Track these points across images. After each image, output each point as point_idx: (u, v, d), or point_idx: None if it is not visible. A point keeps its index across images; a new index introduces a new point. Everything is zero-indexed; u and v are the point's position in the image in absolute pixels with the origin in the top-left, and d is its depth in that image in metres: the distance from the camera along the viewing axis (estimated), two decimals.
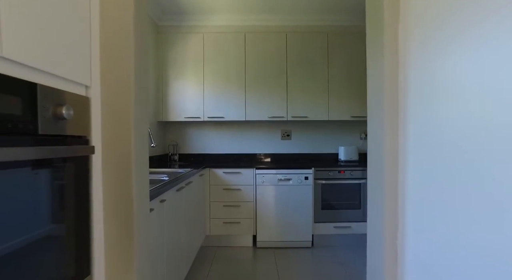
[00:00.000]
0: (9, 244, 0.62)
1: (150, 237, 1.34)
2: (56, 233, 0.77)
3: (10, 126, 0.62)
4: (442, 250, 0.90)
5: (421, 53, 1.00)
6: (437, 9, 0.94)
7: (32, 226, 0.69)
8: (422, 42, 1.00)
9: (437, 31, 0.93)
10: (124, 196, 1.01)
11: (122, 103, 1.05)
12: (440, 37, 0.92)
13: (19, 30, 0.65)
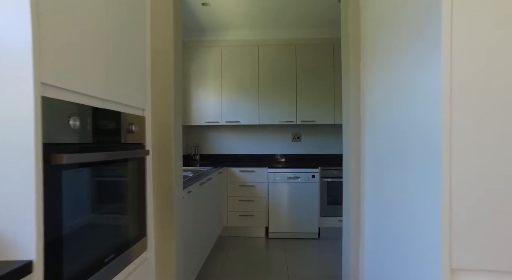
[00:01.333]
0: (109, 209, 1.04)
1: (183, 216, 1.75)
2: (131, 206, 1.19)
3: (109, 138, 1.04)
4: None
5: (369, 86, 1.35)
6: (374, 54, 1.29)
7: (121, 199, 1.11)
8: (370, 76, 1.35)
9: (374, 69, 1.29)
10: (166, 184, 1.43)
11: (165, 117, 1.46)
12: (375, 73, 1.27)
13: (116, 82, 1.06)
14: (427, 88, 0.80)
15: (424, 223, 0.81)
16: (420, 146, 0.84)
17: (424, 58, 0.83)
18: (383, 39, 1.20)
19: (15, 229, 0.70)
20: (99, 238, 0.97)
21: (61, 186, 0.79)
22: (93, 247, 0.94)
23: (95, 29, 0.97)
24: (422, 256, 0.83)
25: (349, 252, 1.53)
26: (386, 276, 1.11)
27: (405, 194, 0.95)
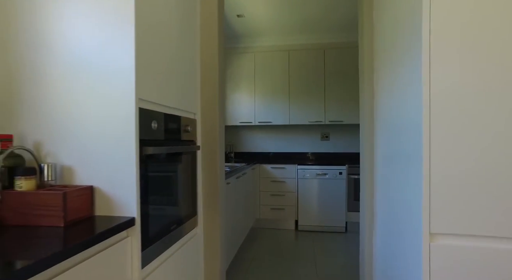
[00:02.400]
0: (173, 189, 1.38)
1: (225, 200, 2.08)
2: (186, 189, 1.53)
3: (173, 136, 1.38)
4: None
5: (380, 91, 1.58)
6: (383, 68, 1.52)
7: (180, 182, 1.44)
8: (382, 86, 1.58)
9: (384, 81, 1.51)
10: (213, 174, 1.75)
11: (211, 118, 1.79)
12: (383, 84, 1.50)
13: (178, 93, 1.40)
14: (414, 96, 1.04)
15: (413, 198, 1.05)
16: (410, 138, 1.07)
17: (412, 72, 1.06)
18: (387, 50, 1.43)
19: (126, 196, 1.04)
20: (167, 210, 1.31)
21: (147, 168, 1.13)
22: (164, 216, 1.28)
23: (170, 57, 1.31)
24: (410, 226, 1.07)
25: (365, 241, 1.76)
26: (391, 253, 1.34)
27: (402, 180, 1.18)
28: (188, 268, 1.52)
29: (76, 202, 0.98)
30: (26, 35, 1.11)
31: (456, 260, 0.96)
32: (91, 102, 1.07)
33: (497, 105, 0.93)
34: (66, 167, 1.09)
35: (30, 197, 0.94)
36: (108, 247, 0.94)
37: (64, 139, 1.09)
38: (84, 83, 1.07)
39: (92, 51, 1.07)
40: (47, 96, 1.10)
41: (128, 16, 1.05)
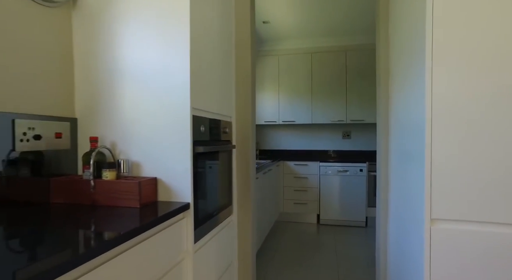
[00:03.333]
0: (215, 181, 1.64)
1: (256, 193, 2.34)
2: (224, 181, 1.79)
3: (215, 137, 1.64)
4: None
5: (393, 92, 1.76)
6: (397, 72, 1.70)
7: (220, 175, 1.71)
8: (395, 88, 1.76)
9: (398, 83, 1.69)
10: (245, 170, 2.01)
11: (244, 120, 2.04)
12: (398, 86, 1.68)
13: (219, 100, 1.66)
14: (419, 99, 1.23)
15: (417, 189, 1.24)
16: (415, 136, 1.26)
17: (418, 78, 1.25)
18: (399, 54, 1.61)
19: (182, 186, 1.32)
20: (211, 199, 1.58)
21: (197, 163, 1.40)
22: (208, 203, 1.54)
23: (213, 70, 1.57)
24: (415, 213, 1.27)
25: (380, 233, 1.96)
26: (402, 241, 1.54)
27: (409, 174, 1.37)
28: (225, 248, 1.79)
29: (146, 190, 1.26)
30: (105, 62, 1.41)
31: (453, 242, 1.16)
32: (155, 111, 1.35)
33: (489, 107, 1.12)
34: (135, 163, 1.37)
35: (114, 184, 1.24)
36: (170, 225, 1.21)
37: (133, 140, 1.38)
38: (150, 96, 1.35)
39: (156, 71, 1.35)
40: (120, 108, 1.39)
41: (185, 44, 1.31)
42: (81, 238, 0.88)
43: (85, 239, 0.86)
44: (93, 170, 1.28)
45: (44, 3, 1.30)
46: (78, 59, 1.46)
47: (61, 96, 1.40)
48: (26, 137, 1.20)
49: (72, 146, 1.43)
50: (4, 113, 1.14)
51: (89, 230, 0.95)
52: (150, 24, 1.36)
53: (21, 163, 1.20)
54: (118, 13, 1.40)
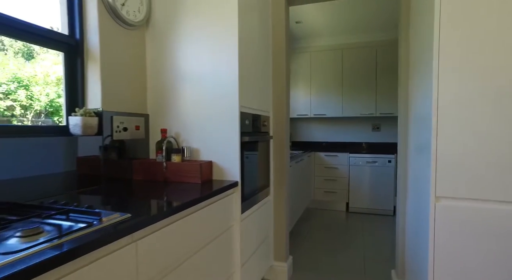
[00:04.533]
0: (255, 166, 1.98)
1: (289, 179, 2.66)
2: (263, 166, 2.13)
3: (256, 129, 1.98)
4: None
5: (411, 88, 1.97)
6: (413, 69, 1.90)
7: (260, 162, 2.04)
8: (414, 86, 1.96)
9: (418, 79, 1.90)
10: (281, 158, 2.33)
11: (280, 115, 2.35)
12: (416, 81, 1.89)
13: (260, 98, 1.98)
14: (428, 97, 1.47)
15: (426, 172, 1.49)
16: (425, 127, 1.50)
17: (428, 78, 1.48)
18: (416, 53, 1.82)
19: (232, 167, 1.67)
20: (253, 180, 1.92)
21: (243, 150, 1.74)
22: (251, 183, 1.89)
23: (255, 71, 1.89)
24: (424, 194, 1.51)
25: (399, 215, 2.19)
26: (415, 221, 1.78)
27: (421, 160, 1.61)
28: (264, 223, 2.14)
29: (205, 170, 1.63)
30: (170, 68, 1.79)
31: (454, 216, 1.41)
32: (210, 108, 1.70)
33: (489, 103, 1.34)
34: (195, 149, 1.75)
35: (181, 166, 1.61)
36: (224, 197, 1.57)
37: (193, 131, 1.75)
38: (206, 96, 1.71)
39: (211, 76, 1.70)
40: (181, 106, 1.76)
41: (234, 55, 1.65)
42: (165, 201, 1.26)
43: (168, 202, 1.23)
44: (164, 155, 1.66)
45: (127, 27, 1.69)
46: (149, 68, 1.85)
47: (138, 97, 1.80)
48: (119, 129, 1.60)
49: (145, 136, 1.83)
50: (107, 111, 1.55)
51: (168, 197, 1.33)
52: (204, 40, 1.71)
53: (114, 149, 1.61)
54: (179, 32, 1.77)
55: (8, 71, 1.65)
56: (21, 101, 2.12)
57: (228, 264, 1.61)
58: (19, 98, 2.12)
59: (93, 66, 1.54)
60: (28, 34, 1.34)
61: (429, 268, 1.48)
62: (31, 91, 2.00)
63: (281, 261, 2.33)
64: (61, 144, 1.33)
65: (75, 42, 1.53)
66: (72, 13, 1.52)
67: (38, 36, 1.38)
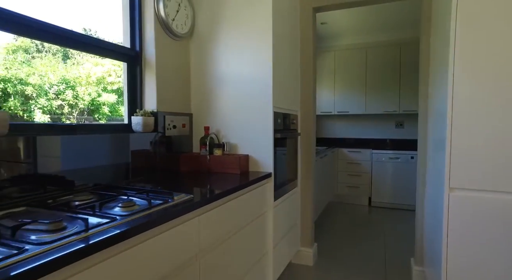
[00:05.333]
0: (284, 159, 2.21)
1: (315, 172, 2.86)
2: (291, 160, 2.35)
3: (286, 126, 2.20)
4: None
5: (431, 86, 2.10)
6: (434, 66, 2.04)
7: (289, 156, 2.27)
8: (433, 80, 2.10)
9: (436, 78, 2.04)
10: (307, 153, 2.54)
11: (307, 113, 2.56)
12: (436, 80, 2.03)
13: (290, 98, 2.20)
14: (445, 95, 1.63)
15: (441, 167, 1.65)
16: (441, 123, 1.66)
17: (444, 78, 1.64)
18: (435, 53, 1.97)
19: (266, 160, 1.91)
20: (283, 172, 2.15)
21: (276, 145, 1.97)
22: (282, 175, 2.11)
23: (286, 74, 2.11)
24: (440, 186, 1.68)
25: (418, 208, 2.35)
26: (433, 210, 1.94)
27: (437, 155, 1.77)
28: (292, 211, 2.37)
29: (243, 162, 1.88)
30: (210, 73, 2.04)
31: (465, 205, 1.57)
32: (247, 108, 1.94)
33: (499, 101, 1.50)
34: (233, 144, 2.00)
35: (222, 158, 1.87)
36: (259, 186, 1.81)
37: (232, 128, 1.99)
38: (243, 97, 1.95)
39: (248, 79, 1.93)
40: (221, 106, 2.01)
41: (268, 57, 1.88)
42: (213, 187, 1.51)
43: (216, 188, 1.49)
44: (208, 149, 1.92)
45: (176, 38, 1.95)
46: (193, 72, 2.11)
47: (183, 98, 2.07)
48: (169, 127, 1.88)
49: (190, 132, 2.10)
50: (160, 112, 1.82)
51: (215, 184, 1.59)
52: (241, 47, 1.94)
53: (163, 144, 1.88)
54: (218, 41, 2.01)
55: (58, 73, 1.98)
56: (69, 101, 2.46)
57: (263, 244, 1.85)
58: (67, 98, 2.46)
59: (149, 73, 1.82)
60: (99, 49, 1.62)
61: (443, 252, 1.66)
62: (77, 91, 2.34)
63: (307, 247, 2.56)
64: (125, 139, 1.62)
65: (135, 53, 1.81)
66: (133, 29, 1.80)
67: (107, 50, 1.67)
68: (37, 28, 1.32)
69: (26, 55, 2.08)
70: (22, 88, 2.41)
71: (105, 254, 0.80)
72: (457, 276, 1.63)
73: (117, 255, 0.83)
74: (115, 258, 0.83)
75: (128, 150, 1.62)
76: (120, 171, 1.57)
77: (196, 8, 2.07)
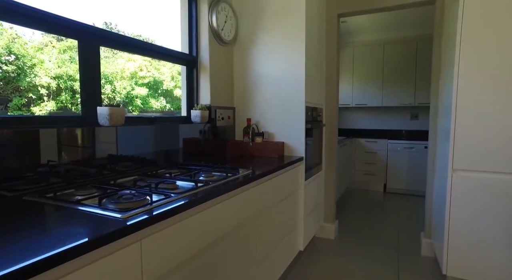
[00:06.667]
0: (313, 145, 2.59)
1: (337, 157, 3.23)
2: (317, 147, 2.73)
3: (314, 118, 2.57)
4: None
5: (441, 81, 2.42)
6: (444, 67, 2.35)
7: (315, 144, 2.64)
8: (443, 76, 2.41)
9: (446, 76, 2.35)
10: (331, 141, 2.92)
11: (330, 106, 2.92)
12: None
13: (317, 93, 2.57)
14: (450, 90, 1.96)
15: (447, 152, 1.99)
16: (448, 115, 1.99)
17: (451, 76, 1.96)
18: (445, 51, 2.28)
19: (298, 146, 2.30)
20: (311, 157, 2.53)
21: (306, 134, 2.35)
22: (310, 159, 2.50)
23: (314, 71, 2.47)
24: (446, 167, 2.02)
25: (428, 190, 2.69)
26: (440, 192, 2.29)
27: (444, 143, 2.10)
28: (318, 191, 2.76)
29: (280, 148, 2.27)
30: (251, 73, 2.43)
31: (466, 183, 1.92)
32: (282, 102, 2.32)
33: (499, 99, 1.83)
34: (271, 133, 2.39)
35: (263, 145, 2.27)
36: (293, 168, 2.20)
37: (269, 119, 2.38)
38: (279, 93, 2.33)
39: (283, 78, 2.31)
40: (260, 100, 2.40)
41: (301, 60, 2.24)
42: (261, 166, 1.91)
43: (263, 166, 1.89)
44: (250, 137, 2.32)
45: (223, 44, 2.34)
46: (236, 72, 2.50)
47: (228, 94, 2.46)
48: (219, 118, 2.28)
49: (233, 123, 2.50)
50: (214, 106, 2.23)
51: (261, 164, 1.99)
52: (277, 51, 2.31)
53: (213, 133, 2.29)
54: (258, 45, 2.39)
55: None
56: (108, 94, 2.89)
57: (296, 215, 2.26)
58: (106, 92, 2.90)
59: (204, 74, 2.22)
60: (167, 56, 2.03)
61: (446, 222, 2.02)
62: (114, 86, 2.78)
63: (329, 223, 2.95)
64: (184, 128, 2.03)
65: (192, 58, 2.21)
66: (191, 39, 2.19)
67: (173, 57, 2.07)
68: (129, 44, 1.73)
69: (72, 54, 2.54)
70: (72, 84, 2.87)
71: (214, 202, 1.22)
72: (457, 240, 1.99)
73: (217, 204, 1.25)
74: (220, 204, 1.24)
75: (189, 137, 2.03)
76: (185, 153, 1.99)
77: (239, 19, 2.45)
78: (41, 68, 2.51)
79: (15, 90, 2.44)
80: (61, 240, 0.74)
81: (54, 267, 0.67)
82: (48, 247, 0.70)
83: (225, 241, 1.33)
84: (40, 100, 2.62)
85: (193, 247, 1.12)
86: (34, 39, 2.41)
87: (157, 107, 3.41)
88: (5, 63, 2.32)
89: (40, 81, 2.54)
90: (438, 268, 2.32)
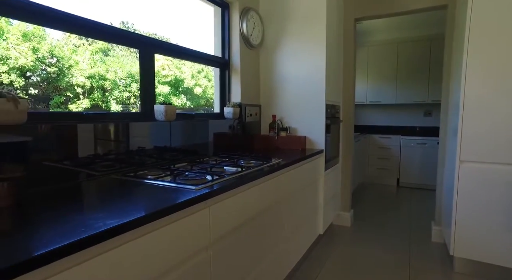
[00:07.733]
0: (331, 140, 2.83)
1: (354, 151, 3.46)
2: (335, 141, 2.97)
3: (333, 115, 2.82)
4: None
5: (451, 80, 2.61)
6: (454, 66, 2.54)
7: (333, 137, 2.89)
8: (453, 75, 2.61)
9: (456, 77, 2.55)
10: (348, 136, 3.15)
11: (347, 104, 3.15)
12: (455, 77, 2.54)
13: (336, 92, 2.81)
14: (459, 89, 2.17)
15: (455, 146, 2.21)
16: (456, 113, 2.20)
17: (459, 76, 2.17)
18: (455, 51, 2.48)
19: (319, 140, 2.55)
20: (329, 150, 2.78)
21: (326, 130, 2.60)
22: (332, 152, 2.74)
23: (333, 72, 2.71)
24: (454, 159, 2.24)
25: (439, 181, 2.90)
26: (450, 182, 2.49)
27: (453, 138, 2.32)
28: (335, 181, 3.01)
29: (302, 142, 2.53)
30: (275, 73, 2.69)
31: (472, 173, 2.14)
32: (304, 100, 2.58)
33: (497, 96, 2.04)
34: (294, 128, 2.65)
35: (287, 138, 2.53)
36: (315, 159, 2.45)
37: (293, 116, 2.64)
38: (302, 92, 2.58)
39: (305, 78, 2.56)
40: (284, 98, 2.66)
41: (322, 62, 2.49)
42: (287, 157, 2.18)
43: (290, 156, 2.15)
44: (275, 132, 2.59)
45: (251, 48, 2.60)
46: (262, 73, 2.76)
47: (255, 93, 2.73)
48: (247, 114, 2.55)
49: (259, 119, 2.77)
50: (243, 104, 2.50)
51: (287, 155, 2.25)
52: (300, 53, 2.56)
53: (241, 128, 2.56)
54: (282, 48, 2.64)
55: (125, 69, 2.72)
56: (134, 92, 3.17)
57: (317, 201, 2.51)
58: (132, 90, 3.18)
59: (235, 75, 2.49)
60: (204, 59, 2.31)
61: (453, 209, 2.24)
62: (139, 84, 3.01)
63: (345, 211, 3.20)
64: (217, 124, 2.30)
65: (224, 61, 2.48)
66: (224, 44, 2.47)
67: (209, 60, 2.35)
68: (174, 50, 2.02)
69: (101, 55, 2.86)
70: (102, 83, 3.17)
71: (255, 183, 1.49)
72: (463, 224, 2.21)
73: (255, 186, 1.52)
74: (257, 186, 1.51)
75: (221, 131, 2.31)
76: (218, 145, 2.27)
77: (265, 25, 2.71)
78: (76, 69, 2.83)
79: (55, 89, 2.76)
80: (159, 201, 1.02)
81: (157, 219, 0.95)
82: (150, 207, 0.98)
83: (261, 216, 1.60)
84: (76, 98, 2.95)
85: (241, 217, 1.39)
86: (69, 42, 2.76)
87: (177, 104, 3.71)
88: (48, 65, 2.65)
89: (76, 81, 2.86)
90: (447, 251, 2.54)
